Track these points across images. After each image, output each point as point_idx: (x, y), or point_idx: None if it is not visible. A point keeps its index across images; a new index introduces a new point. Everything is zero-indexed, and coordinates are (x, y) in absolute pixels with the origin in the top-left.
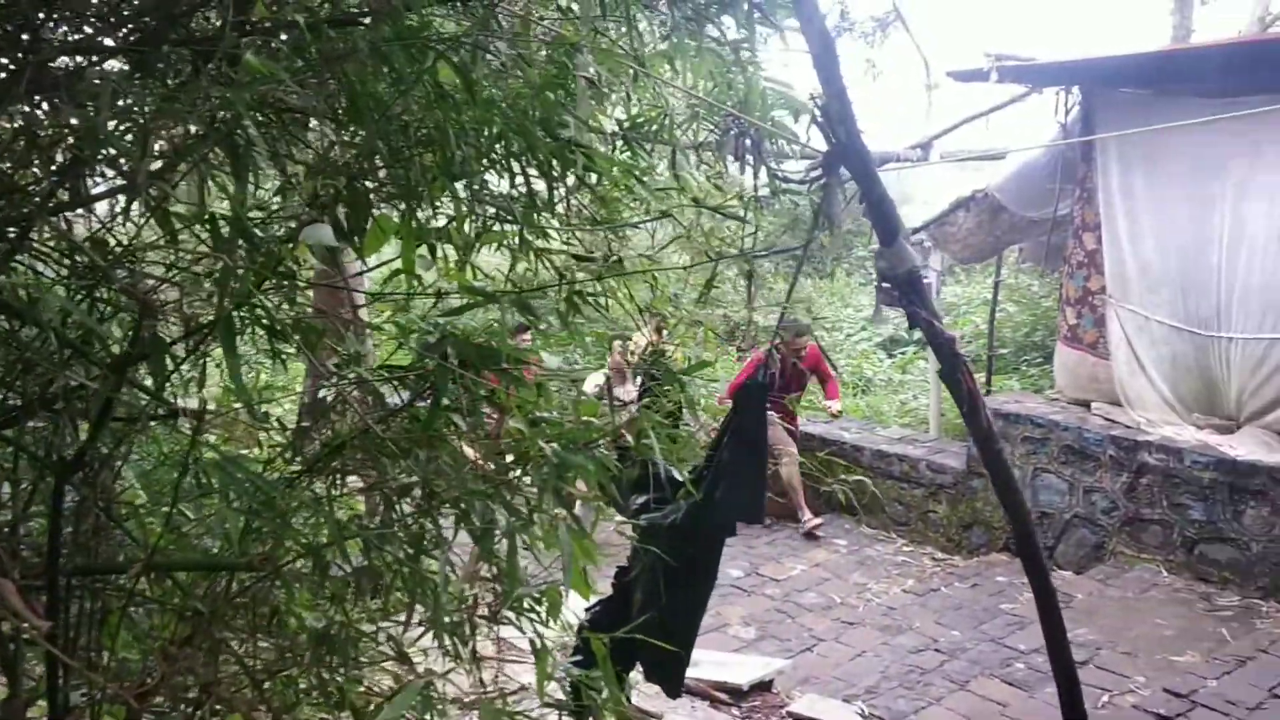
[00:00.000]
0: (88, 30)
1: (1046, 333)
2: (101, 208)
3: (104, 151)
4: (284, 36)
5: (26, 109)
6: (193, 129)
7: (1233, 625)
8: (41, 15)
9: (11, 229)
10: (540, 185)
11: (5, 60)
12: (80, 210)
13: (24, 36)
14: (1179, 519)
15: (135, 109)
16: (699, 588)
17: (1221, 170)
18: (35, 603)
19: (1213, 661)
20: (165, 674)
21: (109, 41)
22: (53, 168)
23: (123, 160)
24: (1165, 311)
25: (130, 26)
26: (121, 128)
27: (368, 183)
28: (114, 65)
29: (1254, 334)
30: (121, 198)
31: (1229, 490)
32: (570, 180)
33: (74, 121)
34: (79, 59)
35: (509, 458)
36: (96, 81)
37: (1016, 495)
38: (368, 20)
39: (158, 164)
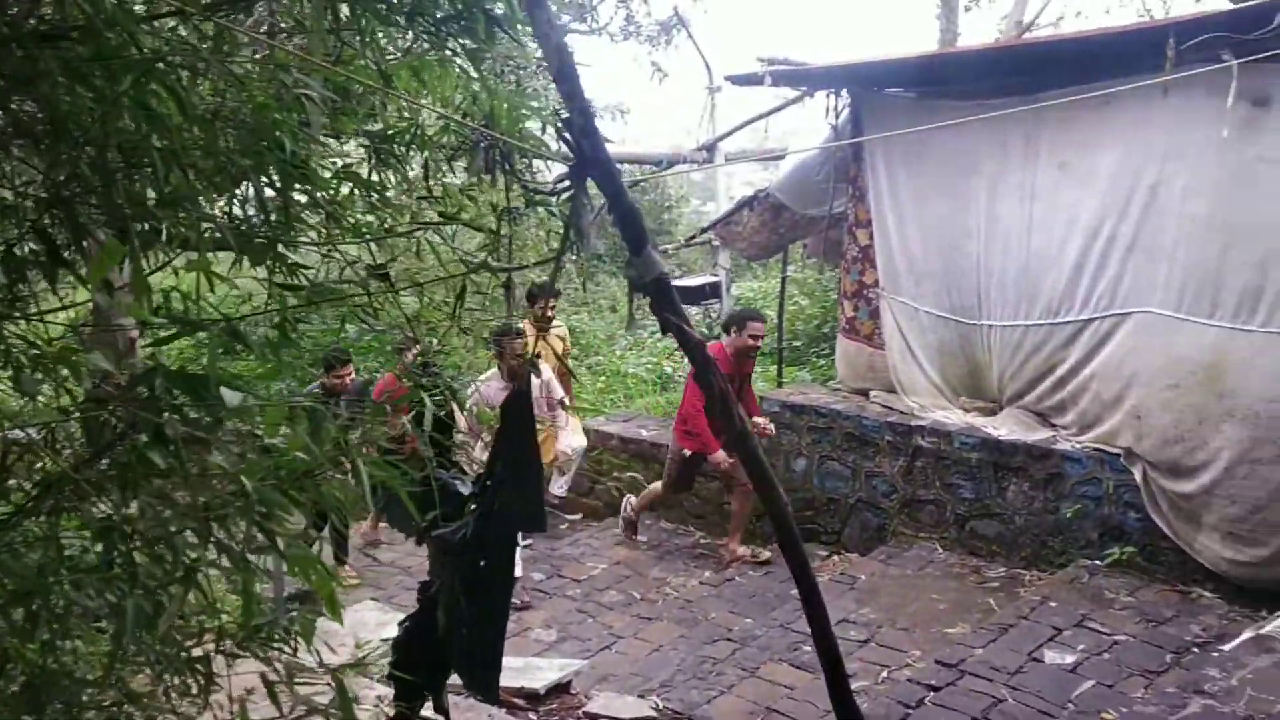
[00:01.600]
0: None
1: (835, 325)
2: None
3: None
4: None
5: None
6: None
7: (999, 595)
8: None
9: None
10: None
11: None
12: None
13: None
14: (951, 498)
15: None
16: (498, 597)
17: (976, 169)
18: None
19: (980, 631)
20: None
21: None
22: None
23: None
24: (932, 302)
25: None
26: None
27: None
28: None
29: (1010, 321)
30: None
31: (994, 469)
32: (302, 197)
33: None
34: None
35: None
36: None
37: (774, 491)
38: (73, 36)
39: None
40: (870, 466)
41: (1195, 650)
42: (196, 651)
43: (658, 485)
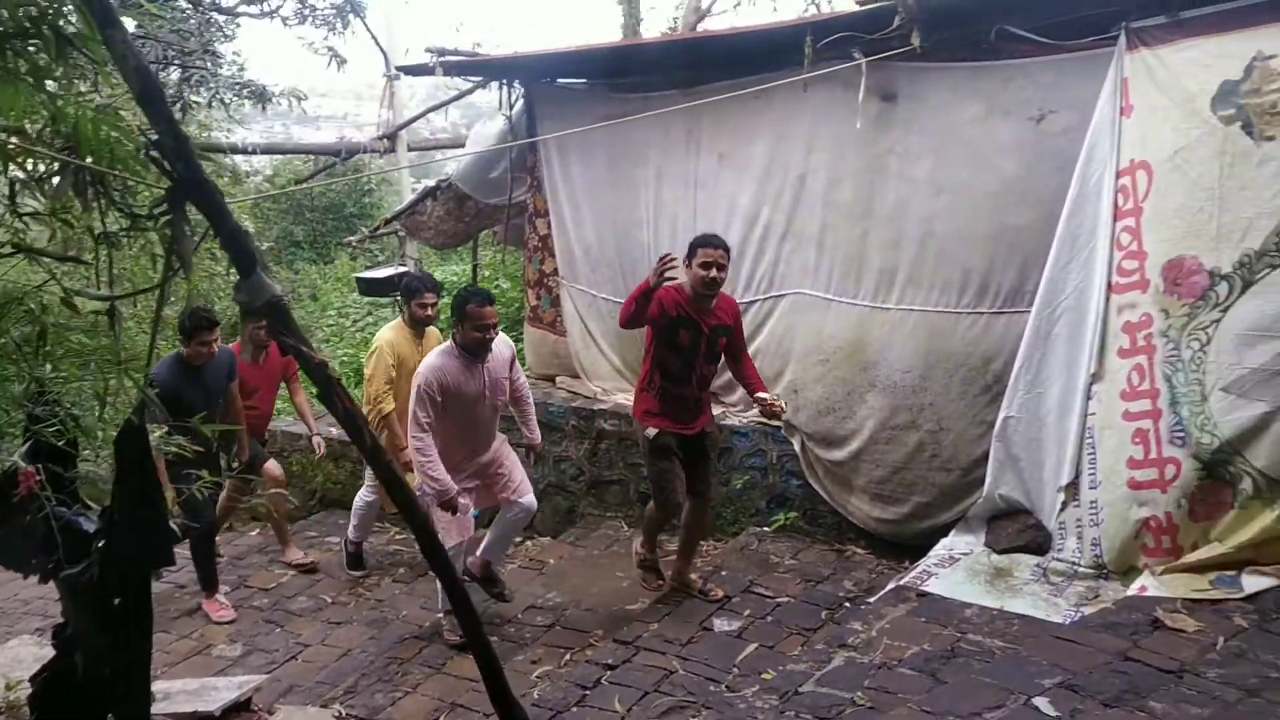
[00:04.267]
0: None
1: None
2: None
3: None
4: None
5: None
6: None
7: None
8: None
9: None
10: None
11: None
12: None
13: None
14: (633, 477)
15: None
16: (137, 635)
17: (644, 159)
18: None
19: (657, 605)
20: None
21: None
22: None
23: None
24: (609, 289)
25: None
26: None
27: None
28: None
29: None
30: None
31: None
32: None
33: None
34: None
35: None
36: None
37: (413, 503)
38: None
39: None
40: (558, 451)
41: (847, 605)
42: None
43: (651, 507)
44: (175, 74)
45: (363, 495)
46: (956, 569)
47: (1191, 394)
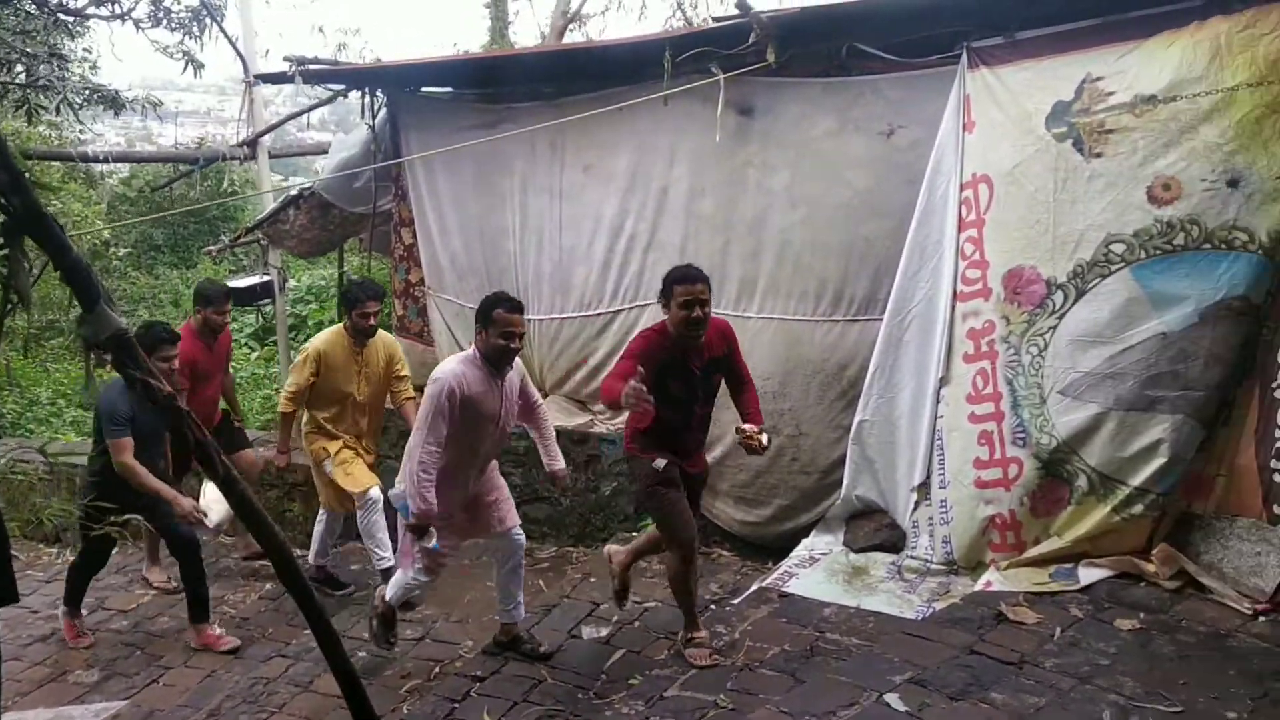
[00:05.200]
0: None
1: None
2: None
3: None
4: None
5: None
6: None
7: (549, 575)
8: None
9: None
10: None
11: None
12: None
13: None
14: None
15: None
16: None
17: (509, 169)
18: None
19: (529, 613)
20: None
21: None
22: None
23: None
24: (475, 298)
25: None
26: None
27: None
28: None
29: (547, 314)
30: None
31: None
32: None
33: None
34: None
35: None
36: None
37: (270, 531)
38: None
39: None
40: None
41: (713, 607)
42: None
43: (668, 561)
44: (21, 75)
45: (321, 517)
46: (816, 569)
47: (1031, 397)
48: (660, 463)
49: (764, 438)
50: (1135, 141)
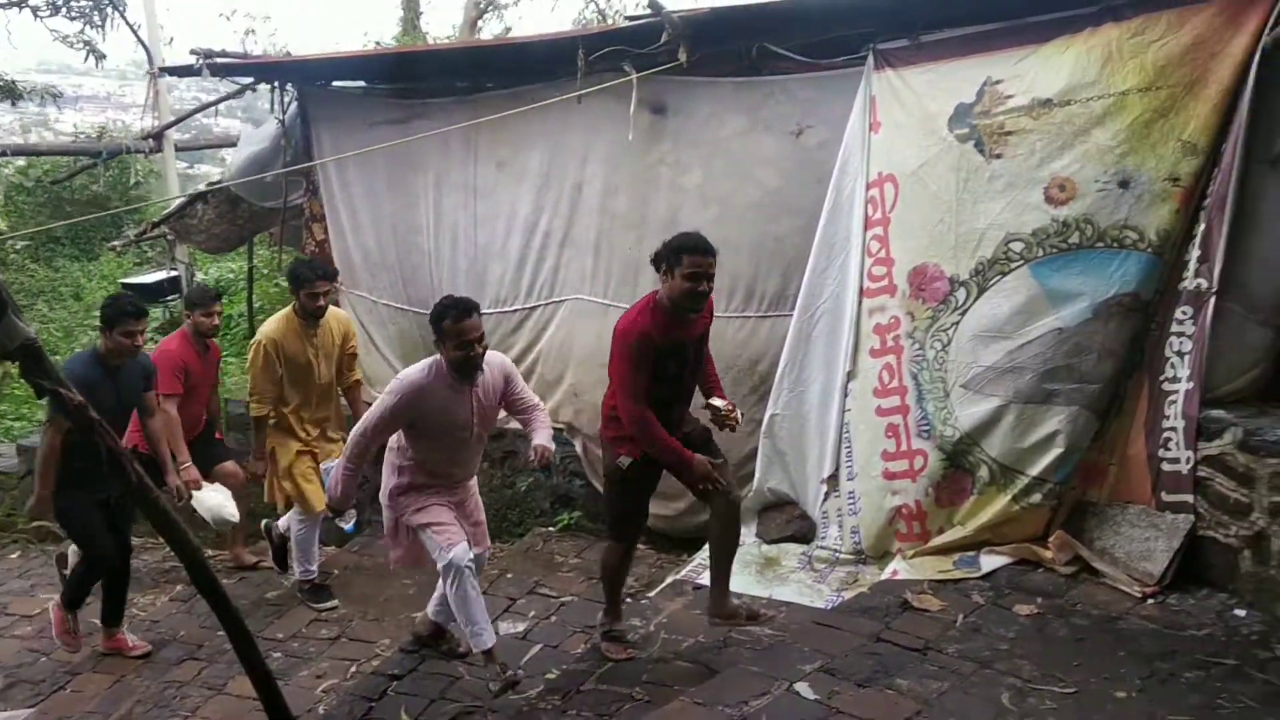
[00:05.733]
0: None
1: None
2: None
3: None
4: None
5: None
6: None
7: None
8: None
9: None
10: None
11: None
12: None
13: None
14: None
15: None
16: None
17: (422, 165)
18: None
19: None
20: None
21: None
22: None
23: None
24: (389, 294)
25: None
26: None
27: None
28: None
29: None
30: None
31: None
32: None
33: None
34: None
35: None
36: None
37: (183, 537)
38: None
39: None
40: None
41: (629, 600)
42: None
43: (605, 553)
44: None
45: (294, 525)
46: None
47: (935, 390)
48: (625, 460)
49: (739, 413)
50: (1033, 143)
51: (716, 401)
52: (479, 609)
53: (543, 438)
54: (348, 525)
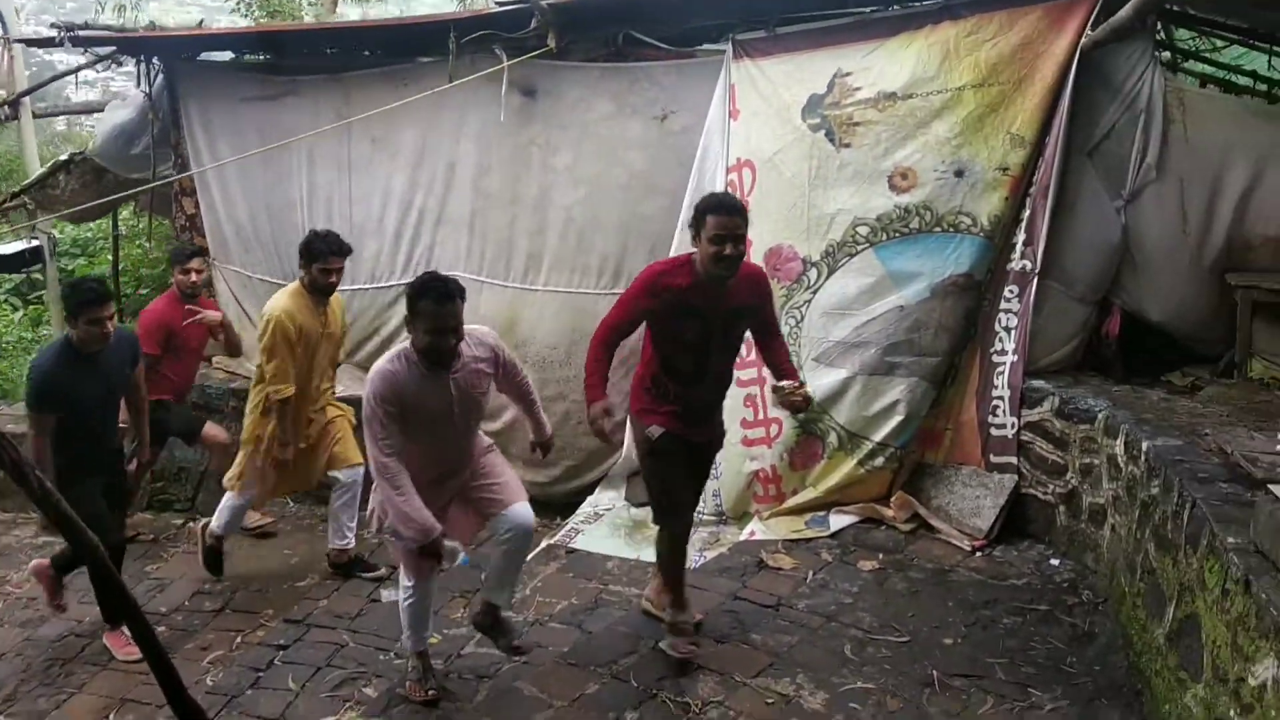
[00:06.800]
0: None
1: None
2: None
3: None
4: None
5: None
6: None
7: None
8: None
9: None
10: None
11: None
12: None
13: None
14: None
15: None
16: None
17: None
18: None
19: (326, 581)
20: None
21: None
22: None
23: None
24: (264, 269)
25: None
26: None
27: None
28: None
29: (339, 287)
30: None
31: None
32: None
33: None
34: None
35: None
36: None
37: (79, 531)
38: None
39: None
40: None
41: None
42: None
43: (658, 537)
44: None
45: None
46: (600, 524)
47: None
48: (655, 430)
49: (808, 389)
50: (878, 134)
51: (783, 383)
52: (423, 623)
53: (540, 435)
54: (460, 559)
